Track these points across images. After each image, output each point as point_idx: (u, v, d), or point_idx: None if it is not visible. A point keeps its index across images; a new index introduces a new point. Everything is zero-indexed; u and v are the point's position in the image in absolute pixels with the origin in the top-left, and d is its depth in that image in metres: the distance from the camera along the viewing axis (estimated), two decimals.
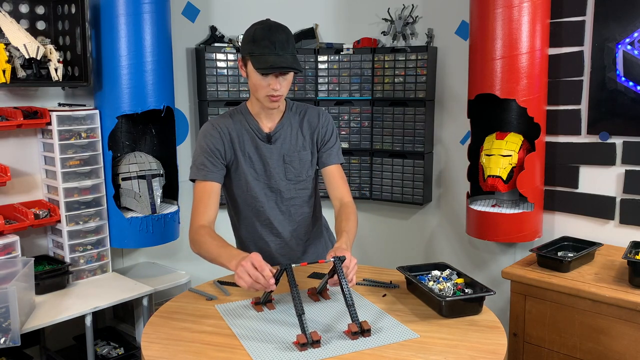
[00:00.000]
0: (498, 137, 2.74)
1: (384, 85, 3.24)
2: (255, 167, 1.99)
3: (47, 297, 2.46)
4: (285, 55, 1.81)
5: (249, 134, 1.98)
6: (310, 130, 2.04)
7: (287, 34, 1.85)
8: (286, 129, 2.01)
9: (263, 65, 1.80)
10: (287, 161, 2.01)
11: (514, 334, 2.37)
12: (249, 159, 1.98)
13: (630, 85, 2.50)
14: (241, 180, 2.00)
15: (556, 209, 2.81)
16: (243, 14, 3.30)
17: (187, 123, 3.24)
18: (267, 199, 2.03)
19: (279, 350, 1.45)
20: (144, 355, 1.45)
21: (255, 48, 1.82)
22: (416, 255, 3.40)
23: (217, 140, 1.95)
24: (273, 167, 2.00)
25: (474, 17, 2.68)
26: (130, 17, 2.60)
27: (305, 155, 2.03)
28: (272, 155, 1.99)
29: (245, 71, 1.90)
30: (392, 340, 1.50)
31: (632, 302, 2.00)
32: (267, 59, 1.80)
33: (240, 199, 2.04)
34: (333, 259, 1.64)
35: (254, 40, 1.83)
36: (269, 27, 1.84)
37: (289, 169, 2.02)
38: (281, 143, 2.00)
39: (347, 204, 2.04)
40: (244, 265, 1.58)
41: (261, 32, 1.83)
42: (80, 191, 2.64)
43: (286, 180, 2.02)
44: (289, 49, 1.83)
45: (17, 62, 2.47)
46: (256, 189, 2.01)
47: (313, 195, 2.12)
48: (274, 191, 2.02)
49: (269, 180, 2.01)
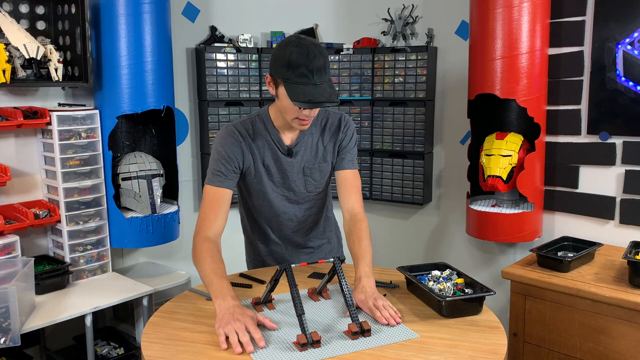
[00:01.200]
0: (498, 137, 2.74)
1: (384, 85, 3.24)
2: (274, 179, 1.95)
3: (47, 297, 2.46)
4: (323, 85, 1.70)
5: (269, 145, 1.91)
6: (332, 138, 1.98)
7: (325, 58, 1.72)
8: (307, 140, 1.95)
9: (301, 99, 1.68)
10: (308, 173, 1.97)
11: (514, 334, 2.37)
12: (267, 171, 1.93)
13: (630, 85, 2.50)
14: (259, 190, 1.96)
15: (556, 209, 2.81)
16: (243, 14, 3.31)
17: (187, 123, 3.24)
18: (284, 209, 2.00)
19: (279, 350, 1.45)
20: (144, 355, 1.45)
21: (292, 75, 1.70)
22: (416, 255, 3.41)
23: (236, 148, 1.87)
24: (293, 180, 1.96)
25: (474, 17, 2.68)
26: (130, 17, 2.60)
27: (325, 166, 1.99)
28: (292, 169, 1.95)
29: (274, 90, 1.79)
30: (392, 341, 1.50)
31: (632, 302, 2.00)
32: (304, 91, 1.68)
33: (256, 206, 2.01)
34: (333, 259, 1.65)
35: (290, 65, 1.69)
36: (307, 52, 1.68)
37: (309, 181, 1.98)
38: (302, 155, 1.94)
39: (357, 215, 1.93)
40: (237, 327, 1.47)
41: (298, 57, 1.68)
42: (80, 191, 2.64)
43: (306, 192, 2.00)
44: (325, 76, 1.72)
45: (17, 62, 2.47)
46: (274, 200, 1.97)
47: (326, 197, 2.10)
48: (292, 202, 2.00)
49: (288, 192, 1.98)
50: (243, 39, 3.22)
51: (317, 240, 2.13)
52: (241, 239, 2.18)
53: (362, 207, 1.97)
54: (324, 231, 2.14)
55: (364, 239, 1.87)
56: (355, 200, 1.96)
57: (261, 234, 2.08)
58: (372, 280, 1.72)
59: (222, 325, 1.50)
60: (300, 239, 2.09)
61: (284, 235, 2.07)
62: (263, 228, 2.06)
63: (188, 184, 3.27)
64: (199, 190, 3.31)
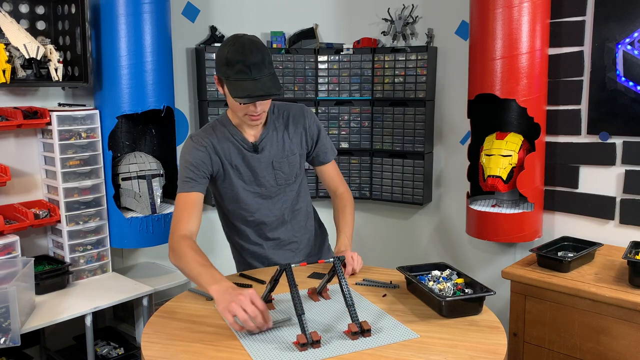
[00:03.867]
0: (498, 137, 2.74)
1: (384, 85, 3.24)
2: (244, 177, 1.97)
3: (47, 297, 2.46)
4: (262, 79, 1.74)
5: (234, 146, 1.94)
6: (297, 131, 2.01)
7: (262, 53, 1.75)
8: (272, 136, 1.97)
9: (240, 94, 1.73)
10: (277, 167, 1.99)
11: (514, 334, 2.37)
12: (236, 170, 1.96)
13: (630, 85, 2.50)
14: (231, 191, 1.98)
15: (556, 209, 2.81)
16: (243, 14, 3.31)
17: (187, 123, 3.24)
18: (258, 206, 2.02)
19: (279, 350, 1.45)
20: (144, 355, 1.45)
21: (230, 72, 1.74)
22: (416, 255, 3.40)
23: (203, 154, 1.90)
24: (262, 175, 1.98)
25: (474, 17, 2.68)
26: (130, 17, 2.60)
27: (293, 159, 2.01)
28: (260, 164, 1.97)
29: (222, 89, 1.85)
30: (392, 340, 1.49)
31: (632, 302, 2.00)
32: (243, 86, 1.73)
33: (231, 208, 2.03)
34: (333, 259, 1.64)
35: (228, 63, 1.74)
36: (242, 49, 1.73)
37: (279, 175, 2.00)
38: (268, 150, 1.97)
39: (342, 194, 2.10)
40: (241, 300, 1.49)
41: (234, 54, 1.73)
42: (80, 191, 2.64)
43: (277, 185, 2.01)
44: (264, 70, 1.75)
45: (17, 62, 2.47)
46: (247, 199, 1.99)
47: (301, 191, 2.11)
48: (265, 198, 2.02)
49: (259, 188, 2.00)
50: None
51: (301, 235, 2.13)
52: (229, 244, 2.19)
53: (346, 187, 2.16)
54: (305, 225, 2.15)
55: (347, 213, 2.07)
56: (337, 182, 2.15)
57: (241, 237, 2.09)
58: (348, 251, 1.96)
59: (225, 305, 1.50)
60: (282, 235, 2.08)
61: (263, 235, 2.07)
62: (242, 230, 2.07)
63: None
64: None
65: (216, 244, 3.37)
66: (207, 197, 3.02)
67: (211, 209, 3.30)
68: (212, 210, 3.31)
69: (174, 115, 2.87)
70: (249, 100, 1.75)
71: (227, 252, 3.51)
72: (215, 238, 3.35)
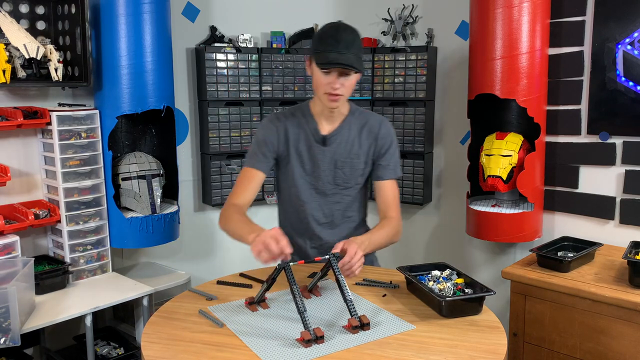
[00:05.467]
0: (498, 137, 2.74)
1: (384, 85, 3.24)
2: (305, 166, 2.01)
3: (47, 297, 2.46)
4: (348, 55, 1.80)
5: (304, 134, 2.00)
6: (369, 139, 2.03)
7: (355, 35, 1.85)
8: (344, 134, 2.01)
9: (323, 61, 1.81)
10: (339, 166, 2.01)
11: (514, 334, 2.37)
12: (299, 158, 2.01)
13: (630, 85, 2.50)
14: (289, 176, 2.03)
15: (556, 209, 2.81)
16: (243, 14, 3.31)
17: (187, 123, 3.24)
18: (312, 198, 2.04)
19: (283, 347, 1.45)
20: (144, 355, 1.45)
21: (320, 45, 1.84)
22: (416, 255, 3.41)
23: (273, 134, 1.99)
24: (323, 169, 2.01)
25: (474, 17, 2.68)
26: (130, 17, 2.60)
27: (357, 163, 2.03)
28: (324, 158, 2.00)
29: (310, 70, 1.92)
30: (391, 333, 1.52)
31: (632, 302, 2.00)
32: (328, 56, 1.80)
33: (285, 193, 2.08)
34: (328, 255, 1.65)
35: (321, 38, 1.86)
36: (337, 27, 1.86)
37: (338, 174, 2.02)
38: (336, 147, 2.00)
39: (391, 219, 2.02)
40: (261, 236, 1.61)
41: (328, 30, 1.85)
42: (80, 191, 2.64)
43: (334, 184, 2.03)
44: (352, 49, 1.82)
45: (17, 62, 2.47)
46: (302, 187, 2.03)
47: (359, 201, 2.10)
48: (319, 193, 2.04)
49: (316, 182, 2.02)
50: (243, 39, 3.22)
51: None
52: None
53: (398, 214, 2.05)
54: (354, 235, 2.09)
55: (383, 229, 1.98)
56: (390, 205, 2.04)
57: (292, 227, 2.10)
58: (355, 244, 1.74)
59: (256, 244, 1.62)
60: (328, 236, 2.07)
61: (310, 230, 2.07)
62: (291, 220, 2.10)
63: (188, 184, 3.27)
64: (199, 190, 3.31)
65: (216, 244, 3.37)
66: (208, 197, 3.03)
67: (210, 209, 3.30)
68: (212, 210, 3.31)
69: (174, 115, 2.87)
70: (330, 67, 1.81)
71: (227, 252, 3.52)
72: (216, 238, 3.36)
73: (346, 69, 1.82)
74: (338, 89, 1.85)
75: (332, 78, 1.84)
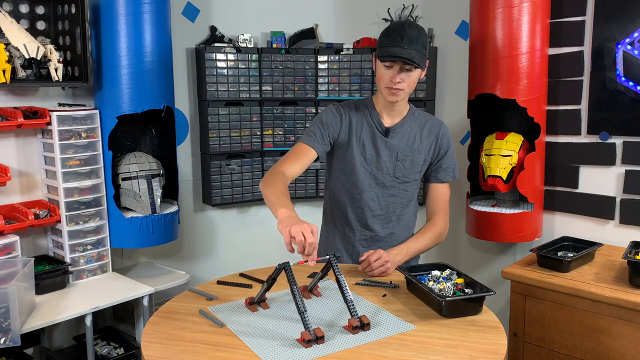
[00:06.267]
0: (498, 137, 2.74)
1: None
2: (367, 155, 2.04)
3: (47, 297, 2.46)
4: (410, 50, 1.84)
5: (368, 124, 2.04)
6: (430, 137, 2.07)
7: (419, 32, 1.88)
8: (406, 128, 2.05)
9: (384, 54, 1.86)
10: (400, 159, 2.04)
11: (514, 334, 2.37)
12: (362, 146, 2.03)
13: (630, 85, 2.50)
14: (348, 164, 2.05)
15: (556, 209, 2.81)
16: (243, 14, 3.30)
17: (187, 123, 3.24)
18: (369, 188, 2.06)
19: (284, 347, 1.45)
20: (144, 355, 1.45)
21: (384, 40, 1.89)
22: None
23: (336, 119, 2.03)
24: (384, 160, 2.04)
25: (474, 17, 2.68)
26: (130, 17, 2.60)
27: (418, 158, 2.06)
28: (386, 149, 2.04)
29: (375, 65, 1.97)
30: (391, 333, 1.52)
31: (632, 302, 2.00)
32: (390, 50, 1.85)
33: (341, 182, 2.08)
34: (328, 255, 1.66)
35: (386, 33, 1.90)
36: (403, 23, 1.89)
37: (399, 167, 2.05)
38: (398, 140, 2.04)
39: (436, 221, 2.09)
40: (305, 228, 1.56)
41: (394, 26, 1.90)
42: (80, 191, 2.64)
43: (393, 177, 2.06)
44: (416, 45, 1.85)
45: (17, 62, 2.47)
46: (361, 175, 2.05)
47: (413, 199, 2.15)
48: (379, 184, 2.06)
49: (376, 172, 2.05)
50: (243, 39, 3.22)
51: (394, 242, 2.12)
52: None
53: (446, 216, 2.13)
54: (404, 235, 2.15)
55: (425, 235, 2.06)
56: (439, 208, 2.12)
57: (339, 218, 2.12)
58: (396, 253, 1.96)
59: (287, 225, 1.58)
60: (381, 230, 2.10)
61: (363, 220, 2.09)
62: (343, 209, 2.10)
63: (188, 184, 3.27)
64: (199, 190, 3.31)
65: (216, 244, 3.37)
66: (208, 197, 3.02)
67: (210, 209, 3.30)
68: (212, 210, 3.31)
69: (174, 115, 2.87)
70: (390, 59, 1.86)
71: (227, 252, 3.52)
72: (216, 238, 3.35)
73: (406, 63, 1.86)
74: (398, 83, 1.90)
75: (393, 72, 1.89)
